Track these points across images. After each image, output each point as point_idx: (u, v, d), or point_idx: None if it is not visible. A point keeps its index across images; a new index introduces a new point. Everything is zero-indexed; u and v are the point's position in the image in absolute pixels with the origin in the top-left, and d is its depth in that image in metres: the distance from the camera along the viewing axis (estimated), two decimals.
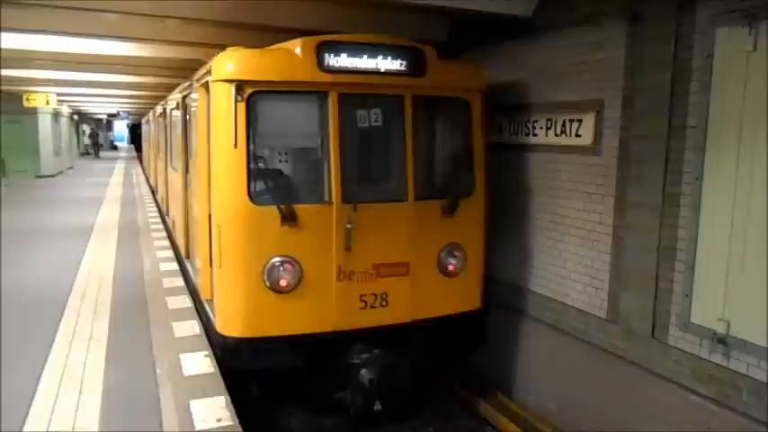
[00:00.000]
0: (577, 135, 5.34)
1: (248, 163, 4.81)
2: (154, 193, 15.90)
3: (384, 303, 5.14)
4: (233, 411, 4.01)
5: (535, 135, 5.89)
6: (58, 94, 18.95)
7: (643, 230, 4.67)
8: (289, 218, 4.80)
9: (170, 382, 4.43)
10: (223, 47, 5.24)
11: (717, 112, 4.03)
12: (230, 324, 5.00)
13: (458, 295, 5.54)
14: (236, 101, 4.70)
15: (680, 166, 4.35)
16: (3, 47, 8.11)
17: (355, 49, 4.92)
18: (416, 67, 5.10)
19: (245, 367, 4.97)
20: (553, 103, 5.64)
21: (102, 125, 53.73)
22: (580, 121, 5.30)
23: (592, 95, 5.19)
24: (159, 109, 13.72)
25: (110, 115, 41.82)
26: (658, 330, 4.60)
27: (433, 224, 5.32)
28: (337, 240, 4.93)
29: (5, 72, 12.49)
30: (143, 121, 25.56)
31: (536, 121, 5.87)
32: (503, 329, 6.34)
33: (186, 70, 10.96)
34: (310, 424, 5.76)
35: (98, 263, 8.31)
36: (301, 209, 4.87)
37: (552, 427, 5.59)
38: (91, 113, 38.13)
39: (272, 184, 4.90)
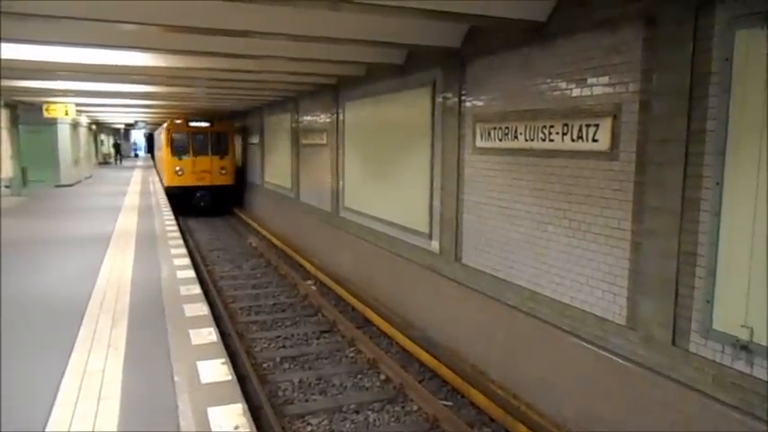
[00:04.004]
0: (594, 140, 5.30)
1: (170, 148, 22.40)
2: (158, 172, 30.01)
3: (205, 179, 22.58)
4: (250, 418, 4.03)
5: (551, 140, 5.86)
6: (77, 105, 19.21)
7: (662, 236, 4.61)
8: (181, 159, 22.52)
9: (187, 389, 4.46)
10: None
11: (736, 115, 3.98)
12: (167, 181, 22.52)
13: (225, 179, 23.07)
14: (168, 134, 22.59)
15: (699, 170, 4.29)
16: (23, 59, 8.27)
17: (197, 120, 23.10)
18: (212, 124, 23.14)
19: (171, 193, 20.16)
20: (569, 108, 5.61)
21: (120, 135, 54.87)
22: (597, 126, 5.27)
23: (608, 100, 5.15)
24: (159, 130, 29.22)
25: (127, 125, 42.41)
26: (679, 337, 4.54)
27: (216, 161, 22.90)
28: (192, 164, 22.54)
29: (26, 83, 12.74)
30: (155, 133, 38.39)
31: (552, 127, 5.84)
32: None
33: (201, 79, 11.13)
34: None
35: (116, 271, 8.41)
36: (185, 157, 22.58)
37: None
38: (109, 123, 38.65)
39: (177, 151, 22.48)
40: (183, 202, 20.80)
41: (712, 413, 4.19)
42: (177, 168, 22.13)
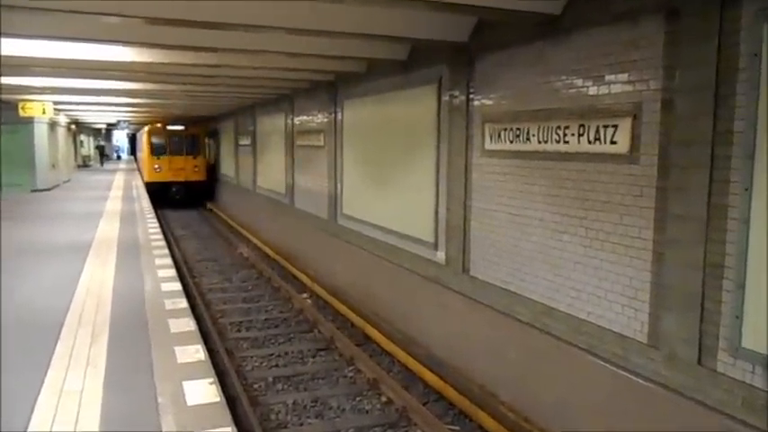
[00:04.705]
0: (613, 142, 5.30)
1: (150, 148, 28.60)
2: (140, 170, 36.75)
3: (180, 174, 28.53)
4: None
5: (566, 142, 5.86)
6: (55, 103, 19.26)
7: (686, 246, 4.60)
8: (159, 158, 28.47)
9: (172, 411, 4.45)
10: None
11: (766, 115, 3.98)
12: (147, 177, 28.87)
13: (198, 175, 29.24)
14: (148, 137, 28.87)
15: (727, 174, 4.29)
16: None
17: (174, 123, 29.31)
18: (186, 127, 29.63)
19: (151, 189, 25.31)
20: (585, 108, 5.61)
21: (101, 135, 55.19)
22: (615, 126, 5.27)
23: (628, 99, 5.16)
24: (140, 133, 36.60)
25: (109, 125, 42.57)
26: (705, 356, 4.52)
27: (190, 160, 28.99)
28: (169, 162, 28.42)
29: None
30: (138, 134, 44.19)
31: (567, 128, 5.84)
32: None
33: (186, 75, 11.17)
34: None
35: (96, 281, 8.41)
36: (163, 156, 28.49)
37: None
38: (90, 123, 38.77)
39: (156, 151, 28.54)
40: (161, 195, 26.35)
41: None
42: (156, 166, 28.30)
